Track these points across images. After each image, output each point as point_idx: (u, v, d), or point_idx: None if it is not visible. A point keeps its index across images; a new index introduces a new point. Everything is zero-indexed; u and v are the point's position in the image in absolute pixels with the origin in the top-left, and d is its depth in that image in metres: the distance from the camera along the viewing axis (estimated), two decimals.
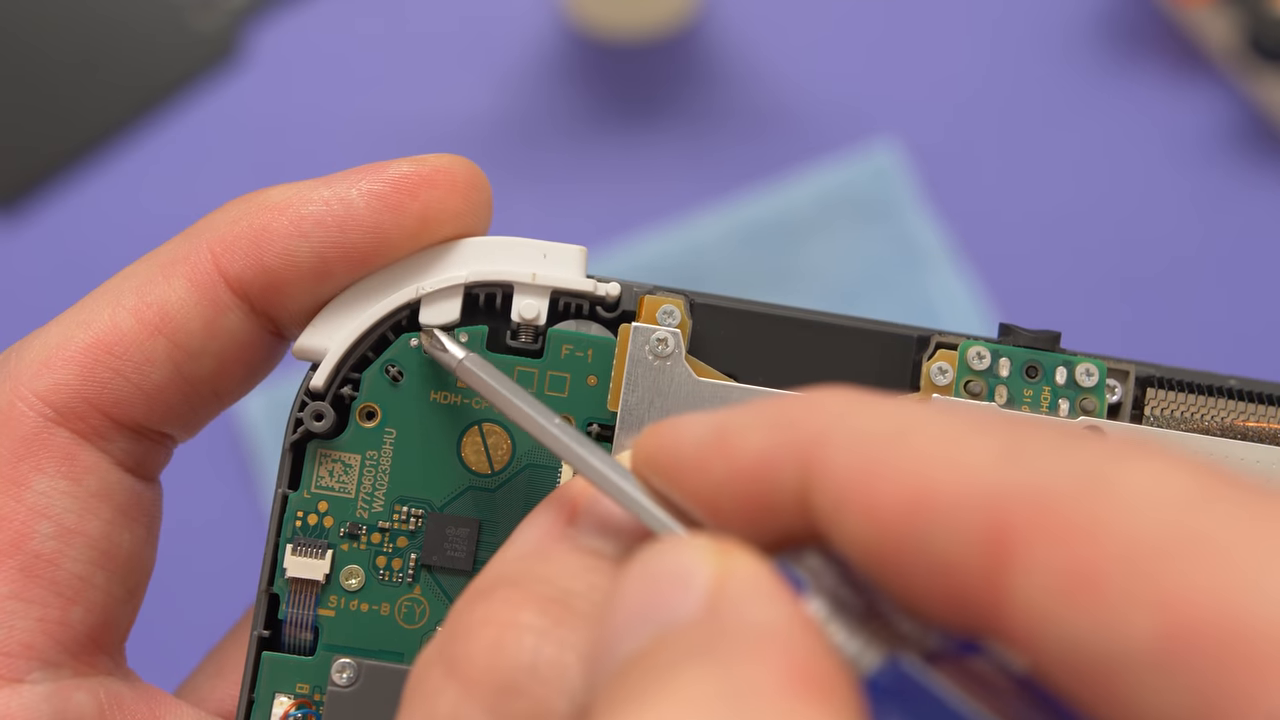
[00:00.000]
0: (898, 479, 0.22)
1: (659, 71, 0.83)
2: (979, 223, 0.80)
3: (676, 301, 0.32)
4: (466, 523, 0.32)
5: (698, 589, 0.23)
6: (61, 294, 0.52)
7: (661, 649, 0.22)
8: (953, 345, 0.32)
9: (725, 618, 0.22)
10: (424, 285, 0.32)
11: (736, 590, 0.23)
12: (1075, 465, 0.21)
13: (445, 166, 0.31)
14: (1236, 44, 0.80)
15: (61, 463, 0.31)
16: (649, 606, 0.23)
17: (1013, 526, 0.21)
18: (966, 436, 0.22)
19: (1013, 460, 0.21)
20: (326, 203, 0.31)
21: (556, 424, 0.28)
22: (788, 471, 0.23)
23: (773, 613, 0.22)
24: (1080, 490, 0.21)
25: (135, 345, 0.31)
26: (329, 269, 0.31)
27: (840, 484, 0.23)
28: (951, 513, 0.21)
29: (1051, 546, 0.20)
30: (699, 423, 0.25)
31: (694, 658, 0.22)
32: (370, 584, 0.32)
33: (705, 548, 0.23)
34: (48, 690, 0.30)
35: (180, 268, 0.31)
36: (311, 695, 0.32)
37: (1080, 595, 0.20)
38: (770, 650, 0.21)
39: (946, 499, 0.21)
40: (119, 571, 0.31)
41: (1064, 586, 0.20)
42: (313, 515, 0.32)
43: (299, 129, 0.81)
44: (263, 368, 0.33)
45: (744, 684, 0.21)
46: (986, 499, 0.21)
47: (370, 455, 0.32)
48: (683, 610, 0.23)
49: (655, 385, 0.32)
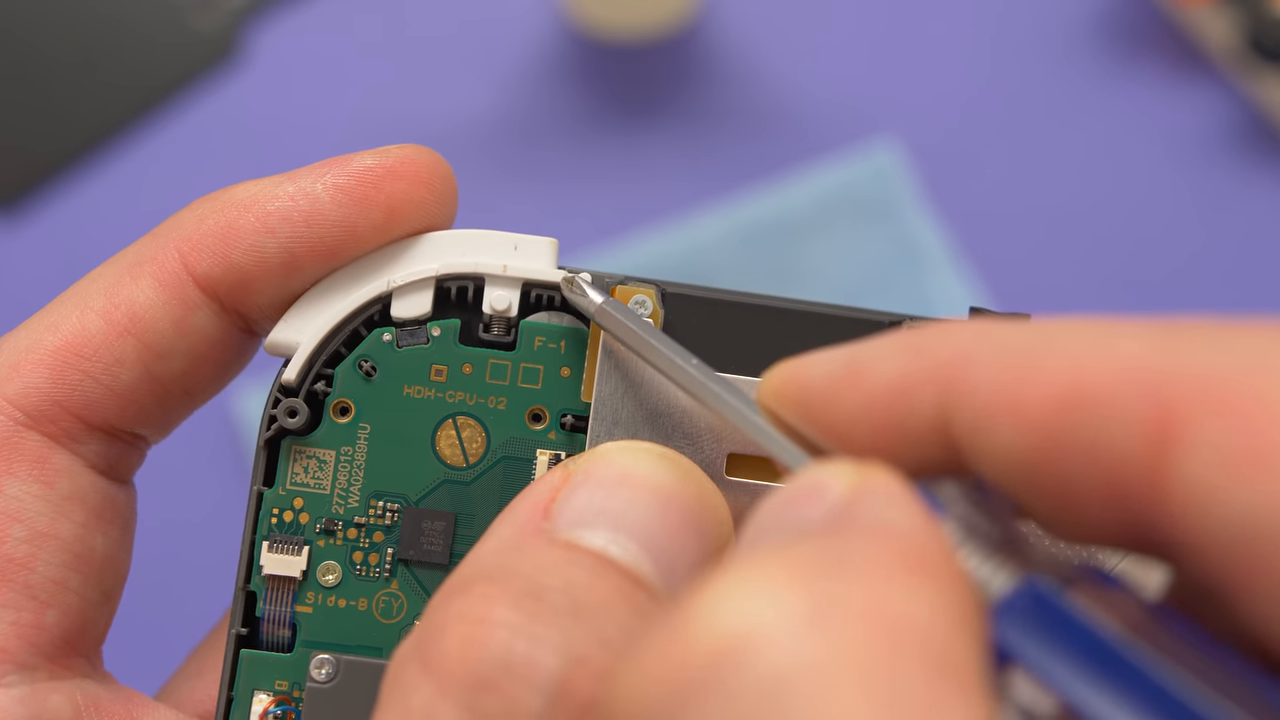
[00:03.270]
0: (1051, 379, 0.22)
1: (659, 71, 0.83)
2: (979, 223, 0.80)
3: (648, 291, 0.32)
4: (442, 516, 0.32)
5: (834, 496, 0.23)
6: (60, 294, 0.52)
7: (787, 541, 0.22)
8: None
9: (855, 514, 0.22)
10: (395, 278, 0.32)
11: (869, 496, 0.23)
12: (1237, 348, 0.21)
13: (409, 157, 0.31)
14: (1236, 44, 0.80)
15: (33, 466, 0.30)
16: (782, 513, 0.23)
17: (1179, 407, 0.21)
18: (1117, 332, 0.22)
19: (1171, 347, 0.22)
20: (292, 198, 0.31)
21: (694, 364, 0.29)
22: (925, 397, 0.23)
23: (901, 513, 0.22)
24: (1250, 371, 0.21)
25: (104, 347, 0.31)
26: (297, 264, 0.31)
27: (987, 397, 0.23)
28: (1112, 402, 0.21)
29: (1222, 423, 0.20)
30: (828, 356, 0.25)
31: (812, 539, 0.22)
32: (347, 580, 0.32)
33: (844, 465, 0.23)
34: (23, 693, 0.30)
35: (148, 267, 0.31)
36: (290, 692, 0.32)
37: (1252, 471, 0.20)
38: (889, 537, 0.21)
39: (1105, 389, 0.22)
40: (94, 574, 0.31)
41: (1236, 460, 0.20)
42: (288, 512, 0.32)
43: (299, 129, 0.82)
44: (234, 365, 0.33)
45: (853, 556, 0.21)
46: (1149, 384, 0.21)
47: (345, 451, 0.32)
48: (814, 512, 0.23)
49: (628, 376, 0.32)
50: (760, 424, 0.27)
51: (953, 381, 0.23)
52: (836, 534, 0.22)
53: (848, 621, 0.20)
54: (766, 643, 0.19)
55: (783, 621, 0.20)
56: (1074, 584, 0.22)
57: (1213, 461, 0.20)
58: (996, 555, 0.23)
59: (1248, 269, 0.79)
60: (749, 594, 0.20)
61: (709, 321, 0.32)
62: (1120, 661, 0.21)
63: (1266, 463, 0.20)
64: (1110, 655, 0.21)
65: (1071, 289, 0.79)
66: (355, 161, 0.31)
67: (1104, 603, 0.22)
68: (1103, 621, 0.22)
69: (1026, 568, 0.23)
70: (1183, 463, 0.21)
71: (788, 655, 0.19)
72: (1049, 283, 0.79)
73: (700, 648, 0.20)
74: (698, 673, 0.20)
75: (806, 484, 0.23)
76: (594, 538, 0.27)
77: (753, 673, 0.19)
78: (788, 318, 0.32)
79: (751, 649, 0.19)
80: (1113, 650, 0.21)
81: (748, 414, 0.27)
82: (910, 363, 0.24)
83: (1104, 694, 0.21)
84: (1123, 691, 0.21)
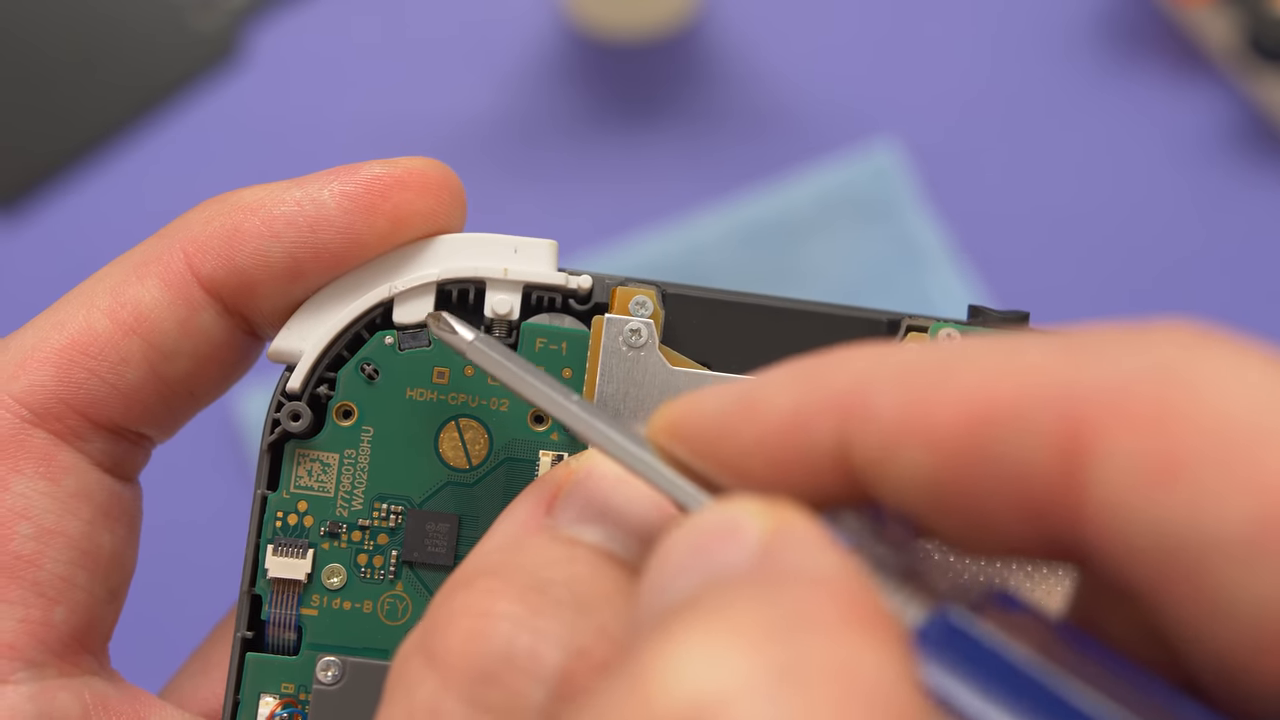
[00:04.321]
0: (958, 398, 0.22)
1: (659, 71, 0.83)
2: (979, 223, 0.80)
3: (648, 292, 0.32)
4: (446, 518, 0.32)
5: (750, 539, 0.23)
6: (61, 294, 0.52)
7: (712, 590, 0.22)
8: (923, 328, 0.32)
9: (780, 562, 0.22)
10: (396, 284, 0.32)
11: (787, 540, 0.22)
12: (1144, 355, 0.21)
13: (417, 168, 0.31)
14: (1236, 44, 0.80)
15: (39, 463, 0.31)
16: (698, 556, 0.23)
17: (1089, 418, 0.21)
18: (1023, 347, 0.22)
19: (1078, 359, 0.21)
20: (298, 203, 0.31)
21: (575, 401, 0.28)
22: (823, 427, 0.23)
23: (824, 558, 0.22)
24: (1159, 379, 0.21)
25: (110, 346, 0.31)
26: (301, 269, 0.31)
27: (890, 422, 0.22)
28: (1021, 417, 0.21)
29: (1133, 434, 0.20)
30: (721, 391, 0.25)
31: (747, 594, 0.21)
32: (352, 582, 0.32)
33: (754, 502, 0.23)
34: (32, 690, 0.30)
35: (153, 268, 0.31)
36: (297, 695, 0.32)
37: (1167, 481, 0.20)
38: (825, 589, 0.21)
39: (1014, 404, 0.21)
40: (101, 571, 0.31)
41: (1149, 472, 0.20)
42: (293, 515, 0.32)
43: (299, 129, 0.82)
44: (238, 368, 0.33)
45: (798, 614, 0.21)
46: (1057, 397, 0.21)
47: (348, 454, 0.32)
48: (734, 558, 0.22)
49: (629, 376, 0.32)
50: (650, 461, 0.26)
51: (851, 409, 0.23)
52: (770, 586, 0.22)
53: (813, 683, 0.20)
54: (738, 705, 0.19)
55: (752, 684, 0.20)
56: (982, 610, 0.22)
57: (1126, 472, 0.20)
58: (905, 586, 0.23)
59: (1248, 269, 0.79)
60: (711, 654, 0.20)
61: (709, 322, 0.32)
62: (1036, 686, 0.21)
63: (1180, 472, 0.20)
64: (1025, 680, 0.21)
65: (1071, 289, 0.79)
66: (363, 170, 0.31)
67: (1012, 626, 0.22)
68: (1014, 647, 0.22)
69: (935, 597, 0.23)
70: (1096, 475, 0.21)
71: (760, 717, 0.19)
72: (1049, 283, 0.79)
73: (666, 710, 0.20)
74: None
75: (717, 524, 0.23)
76: (596, 534, 0.27)
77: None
78: (787, 317, 0.32)
79: (723, 712, 0.19)
80: (1027, 676, 0.21)
81: (636, 451, 0.26)
82: (805, 393, 0.24)
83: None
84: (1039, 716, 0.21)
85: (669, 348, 0.32)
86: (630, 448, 0.26)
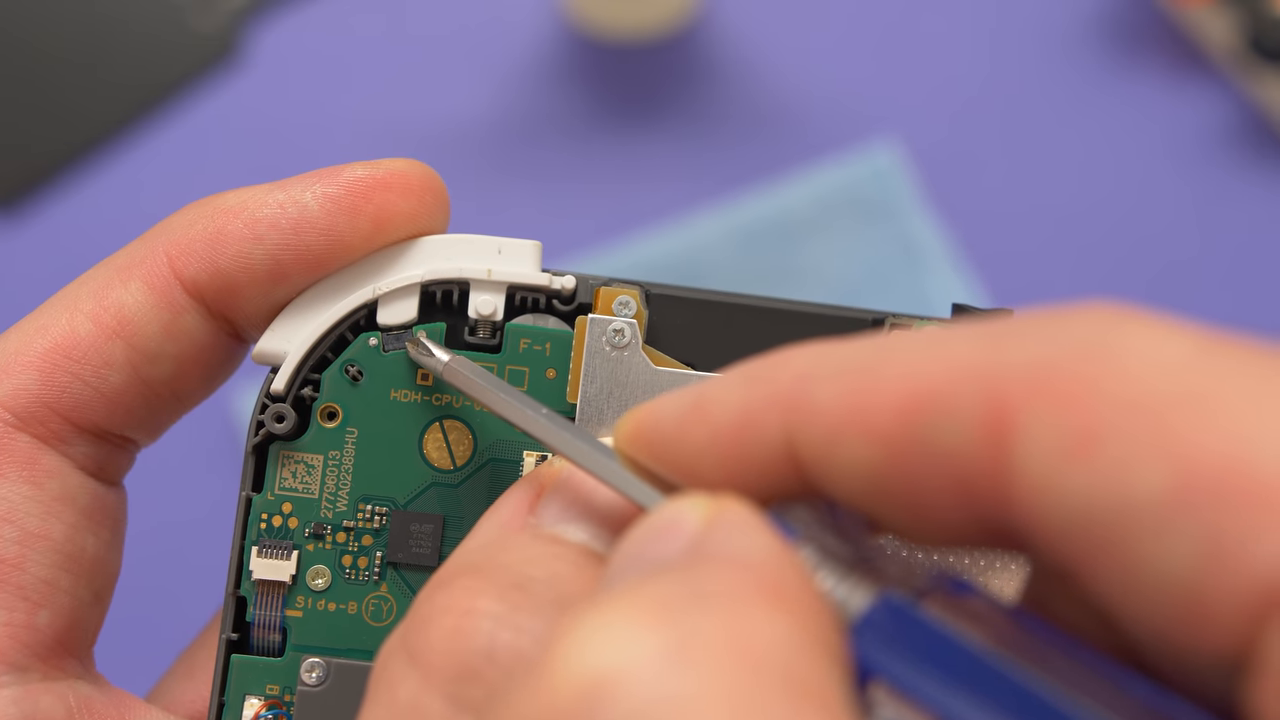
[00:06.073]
0: (889, 387, 0.22)
1: (659, 71, 0.83)
2: (979, 223, 0.80)
3: (632, 292, 0.32)
4: (431, 519, 0.32)
5: (687, 530, 0.23)
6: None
7: (635, 577, 0.22)
8: (907, 326, 0.32)
9: (709, 546, 0.23)
10: (380, 285, 0.32)
11: (722, 528, 0.23)
12: (1068, 335, 0.21)
13: (400, 170, 0.31)
14: (1236, 44, 0.80)
15: (23, 467, 0.31)
16: (640, 551, 0.24)
17: (1011, 399, 0.21)
18: (950, 336, 0.22)
19: (1001, 342, 0.22)
20: (281, 206, 0.31)
21: (544, 414, 0.29)
22: (769, 423, 0.24)
23: (754, 542, 0.22)
24: (1077, 355, 0.21)
25: (93, 349, 0.31)
26: (284, 271, 0.31)
27: (831, 415, 0.23)
28: (946, 402, 0.22)
29: (1052, 410, 0.21)
30: (677, 396, 0.26)
31: (665, 576, 0.22)
32: (337, 583, 0.32)
33: (697, 498, 0.24)
34: (15, 694, 0.30)
35: (136, 271, 0.31)
36: (282, 696, 0.32)
37: (1085, 453, 0.20)
38: (743, 567, 0.22)
39: (939, 391, 0.22)
40: (85, 575, 0.31)
41: (1068, 446, 0.20)
42: (277, 517, 0.32)
43: (299, 129, 0.82)
44: (222, 370, 0.33)
45: (704, 591, 0.21)
46: (981, 380, 0.21)
47: (333, 455, 0.32)
48: (670, 549, 0.23)
49: (613, 376, 0.32)
50: (614, 469, 0.26)
51: (795, 405, 0.23)
52: (693, 568, 0.22)
53: (708, 654, 0.20)
54: (631, 680, 0.20)
55: (645, 658, 0.20)
56: (929, 595, 0.23)
57: (1045, 449, 0.21)
58: (853, 574, 0.23)
59: (1247, 269, 0.79)
60: (609, 634, 0.20)
61: (694, 322, 0.32)
62: (980, 666, 0.21)
63: (1096, 445, 0.20)
64: (969, 662, 0.21)
65: (1071, 289, 0.79)
66: (346, 172, 0.31)
67: (960, 610, 0.22)
68: (959, 629, 0.22)
69: (882, 584, 0.23)
70: (1018, 453, 0.21)
71: (652, 691, 0.20)
72: (1049, 282, 0.79)
73: (566, 689, 0.20)
74: (565, 714, 0.20)
75: (662, 520, 0.24)
76: (578, 532, 0.27)
77: (619, 710, 0.20)
78: (771, 317, 0.32)
79: (617, 687, 0.20)
80: (971, 656, 0.21)
81: (602, 460, 0.27)
82: (751, 392, 0.24)
83: (965, 701, 0.21)
84: (984, 696, 0.21)
85: (653, 348, 0.32)
86: (594, 455, 0.27)
